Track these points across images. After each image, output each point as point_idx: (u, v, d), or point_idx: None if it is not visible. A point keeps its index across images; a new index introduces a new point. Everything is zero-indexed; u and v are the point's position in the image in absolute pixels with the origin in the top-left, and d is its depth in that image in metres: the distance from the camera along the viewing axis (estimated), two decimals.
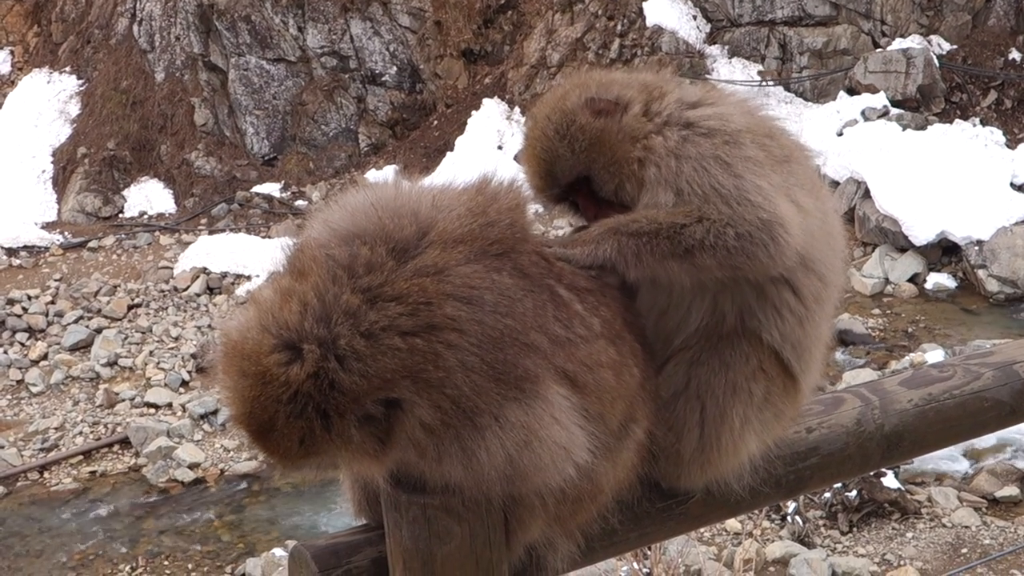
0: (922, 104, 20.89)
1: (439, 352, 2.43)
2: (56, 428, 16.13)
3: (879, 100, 20.63)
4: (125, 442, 15.65)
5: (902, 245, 18.54)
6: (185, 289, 19.99)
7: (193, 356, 17.63)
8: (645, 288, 2.91)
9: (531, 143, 3.09)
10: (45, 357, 17.98)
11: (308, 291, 2.45)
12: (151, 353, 17.85)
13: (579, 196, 3.03)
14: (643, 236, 2.79)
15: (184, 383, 17.07)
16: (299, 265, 2.53)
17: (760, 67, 22.61)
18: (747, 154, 2.85)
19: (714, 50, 22.81)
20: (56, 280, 20.54)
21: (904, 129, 19.86)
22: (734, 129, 2.88)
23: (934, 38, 22.14)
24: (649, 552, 10.00)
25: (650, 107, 2.98)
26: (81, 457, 15.51)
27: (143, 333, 18.54)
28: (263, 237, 21.57)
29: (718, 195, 2.79)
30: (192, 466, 14.98)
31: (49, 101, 25.06)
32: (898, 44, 21.66)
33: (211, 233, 22.08)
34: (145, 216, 23.27)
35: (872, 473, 11.71)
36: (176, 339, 18.35)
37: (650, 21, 22.88)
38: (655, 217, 2.82)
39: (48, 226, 22.95)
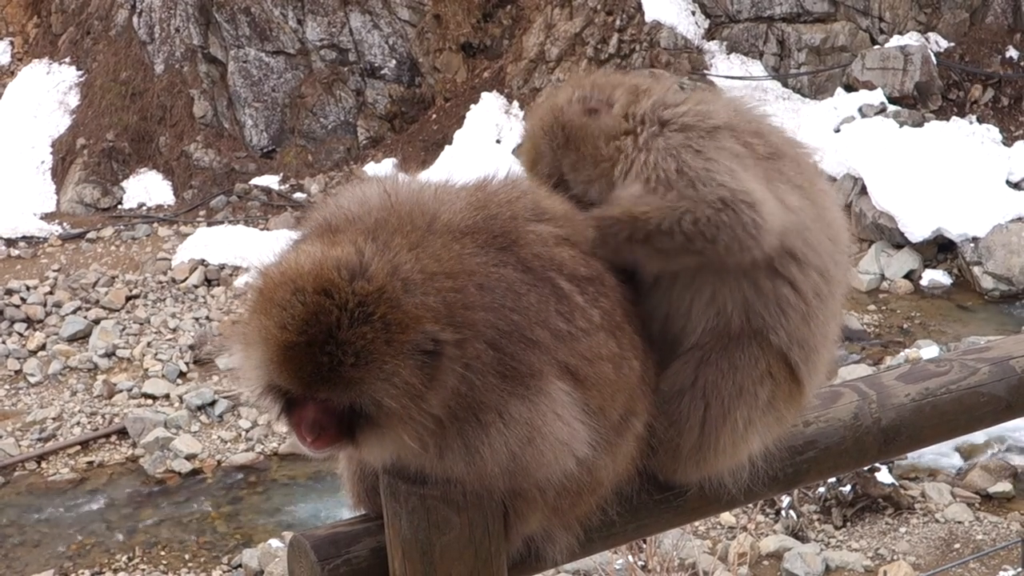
0: (919, 101, 20.90)
1: (472, 305, 2.46)
2: (54, 418, 16.14)
3: (876, 97, 20.63)
4: (122, 433, 15.66)
5: (898, 242, 18.57)
6: (183, 280, 19.98)
7: (191, 347, 17.64)
8: (648, 291, 2.91)
9: (523, 140, 3.15)
10: (43, 347, 17.97)
11: (356, 234, 2.48)
12: (149, 344, 17.85)
13: (565, 194, 3.03)
14: (606, 220, 2.80)
15: (182, 374, 17.08)
16: (329, 227, 2.55)
17: (759, 63, 22.61)
18: (723, 145, 2.83)
19: (712, 46, 22.79)
20: (54, 271, 20.53)
21: (901, 126, 19.87)
22: (712, 125, 2.86)
23: (932, 35, 22.15)
24: (644, 545, 10.03)
25: (629, 108, 2.98)
26: (78, 447, 15.52)
27: (141, 324, 18.54)
28: (261, 229, 21.58)
29: (683, 177, 2.78)
30: (189, 457, 15.00)
31: (48, 92, 25.00)
32: (896, 41, 21.66)
33: (209, 225, 22.07)
34: (144, 207, 23.24)
35: (866, 468, 11.75)
36: (174, 330, 18.36)
37: (649, 16, 22.83)
38: (619, 204, 2.84)
39: (47, 217, 22.92)
